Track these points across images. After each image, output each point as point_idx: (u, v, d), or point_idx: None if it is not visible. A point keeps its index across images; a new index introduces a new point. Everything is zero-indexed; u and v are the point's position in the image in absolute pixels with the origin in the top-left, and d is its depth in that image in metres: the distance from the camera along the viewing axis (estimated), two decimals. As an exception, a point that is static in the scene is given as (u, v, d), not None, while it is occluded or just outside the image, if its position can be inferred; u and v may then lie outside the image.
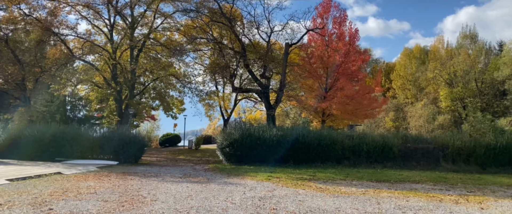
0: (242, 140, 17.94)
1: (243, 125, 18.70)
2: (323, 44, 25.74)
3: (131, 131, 20.45)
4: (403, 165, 17.17)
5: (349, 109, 24.90)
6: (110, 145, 19.10)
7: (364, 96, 25.83)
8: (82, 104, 35.94)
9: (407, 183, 12.84)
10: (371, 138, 17.63)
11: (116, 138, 19.23)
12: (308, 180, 12.92)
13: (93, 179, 12.01)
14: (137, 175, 13.35)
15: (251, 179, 12.76)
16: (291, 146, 17.67)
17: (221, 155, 19.13)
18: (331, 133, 18.30)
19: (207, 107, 33.81)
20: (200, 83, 29.14)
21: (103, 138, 19.35)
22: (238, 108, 39.10)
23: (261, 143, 17.89)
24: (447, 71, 38.62)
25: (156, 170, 15.81)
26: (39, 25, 21.71)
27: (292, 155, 17.77)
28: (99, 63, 29.77)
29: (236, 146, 17.96)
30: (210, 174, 14.33)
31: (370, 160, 17.48)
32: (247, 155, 18.01)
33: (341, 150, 17.75)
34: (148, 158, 24.24)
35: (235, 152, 18.02)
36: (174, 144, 41.25)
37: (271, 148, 17.81)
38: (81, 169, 14.81)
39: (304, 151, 17.60)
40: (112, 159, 19.13)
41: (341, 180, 13.22)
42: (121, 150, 19.02)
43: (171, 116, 37.95)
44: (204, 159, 24.34)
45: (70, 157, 18.99)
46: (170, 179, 12.43)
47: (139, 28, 29.17)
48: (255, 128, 18.41)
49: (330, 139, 17.56)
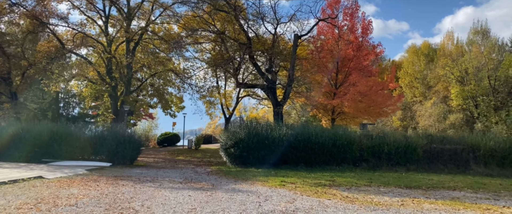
0: (249, 139, 16.21)
1: (250, 123, 16.95)
2: (333, 36, 23.98)
3: (127, 130, 18.68)
4: (428, 168, 15.45)
5: (362, 106, 23.17)
6: (102, 145, 17.34)
7: (378, 93, 24.08)
8: (76, 101, 34.09)
9: (442, 189, 11.13)
10: (392, 138, 15.88)
11: (110, 137, 17.45)
12: (328, 186, 11.20)
13: (79, 184, 10.25)
14: (130, 180, 11.60)
15: (262, 185, 11.03)
16: (303, 146, 15.94)
17: (225, 156, 17.38)
18: (347, 132, 16.56)
19: (208, 104, 32.04)
20: (201, 79, 27.40)
21: (95, 137, 17.56)
22: (240, 106, 37.37)
23: (269, 143, 16.16)
24: (458, 68, 36.92)
25: (153, 173, 14.06)
26: (26, 14, 19.89)
27: (304, 156, 16.04)
28: (93, 58, 28.02)
29: (242, 146, 16.22)
30: (214, 179, 12.59)
31: (391, 162, 15.75)
32: (253, 156, 16.27)
33: (359, 151, 16.01)
34: (145, 158, 22.48)
35: (241, 152, 16.28)
36: (173, 143, 39.44)
37: (280, 148, 16.07)
38: (68, 172, 13.04)
39: (317, 152, 15.87)
40: (105, 160, 17.36)
41: (366, 186, 11.50)
42: (115, 150, 17.26)
43: (169, 114, 36.24)
44: (205, 160, 22.59)
45: (58, 157, 17.21)
46: (169, 185, 10.68)
47: (136, 21, 27.47)
48: (263, 126, 16.67)
49: (346, 139, 15.82)
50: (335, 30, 23.92)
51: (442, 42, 43.31)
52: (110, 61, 25.47)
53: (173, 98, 34.56)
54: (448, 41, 42.45)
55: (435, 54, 45.06)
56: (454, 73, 37.23)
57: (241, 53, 20.25)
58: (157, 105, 36.40)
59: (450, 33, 42.77)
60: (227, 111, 32.88)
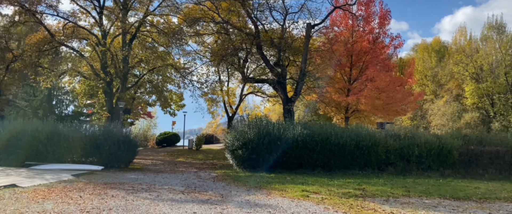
0: (258, 140, 14.30)
1: (259, 122, 15.03)
2: (347, 28, 22.02)
3: (122, 129, 16.75)
4: (465, 173, 13.54)
5: (379, 103, 21.25)
6: (94, 146, 15.41)
7: (396, 90, 22.16)
8: (70, 99, 32.11)
9: (498, 201, 9.25)
10: (424, 139, 13.96)
11: (102, 137, 15.53)
12: (360, 197, 9.30)
13: (57, 196, 8.33)
14: (123, 189, 9.69)
15: (281, 196, 9.13)
16: (321, 148, 14.04)
17: (231, 158, 15.47)
18: (371, 132, 14.67)
19: (210, 102, 30.06)
20: (202, 75, 25.46)
21: (86, 137, 15.60)
22: (243, 104, 35.40)
23: (282, 144, 14.26)
24: (473, 64, 35.03)
25: (150, 179, 12.15)
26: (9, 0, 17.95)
27: (322, 159, 14.14)
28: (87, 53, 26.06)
29: (251, 147, 14.32)
30: (222, 187, 10.67)
31: (422, 166, 13.85)
32: (264, 158, 14.37)
33: (385, 153, 14.11)
34: (142, 160, 20.57)
35: (250, 155, 14.37)
36: (172, 143, 37.45)
37: (294, 150, 14.18)
38: (50, 179, 11.12)
39: (337, 154, 13.97)
40: (97, 162, 15.43)
41: (405, 196, 9.60)
42: (108, 151, 15.34)
43: (169, 113, 34.24)
44: (208, 162, 20.68)
45: (45, 160, 15.30)
46: (169, 196, 8.77)
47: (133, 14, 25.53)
48: (274, 125, 14.75)
49: (371, 140, 13.91)
50: (349, 21, 21.93)
51: (454, 37, 41.42)
52: (104, 55, 23.52)
53: (173, 95, 32.57)
54: (461, 37, 40.56)
55: (446, 51, 43.18)
56: (469, 70, 35.33)
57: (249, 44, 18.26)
58: (156, 103, 34.44)
59: (463, 28, 40.91)
60: (230, 109, 30.93)
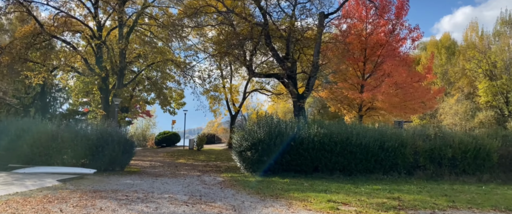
0: (270, 140, 12.74)
1: (270, 120, 13.45)
2: (361, 19, 20.38)
3: (117, 128, 15.16)
4: (506, 179, 11.98)
5: (396, 100, 19.66)
6: (86, 147, 13.83)
7: (414, 86, 20.55)
8: (64, 96, 30.47)
9: None
10: (457, 139, 12.38)
11: (94, 136, 13.95)
12: (399, 209, 7.74)
13: (32, 209, 6.76)
14: (115, 198, 8.13)
15: (305, 209, 7.57)
16: (341, 149, 12.47)
17: (239, 160, 13.90)
18: (398, 131, 13.10)
19: (212, 100, 28.47)
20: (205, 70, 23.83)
21: (76, 136, 13.99)
22: (247, 102, 33.81)
23: (296, 145, 12.70)
24: (487, 61, 33.45)
25: (148, 184, 10.58)
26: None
27: (342, 162, 12.57)
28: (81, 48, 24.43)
29: (261, 148, 12.75)
30: (231, 195, 9.10)
31: (455, 169, 12.28)
32: (276, 161, 12.81)
33: (413, 155, 12.53)
34: (140, 162, 19.00)
35: (260, 157, 12.80)
36: (172, 143, 35.85)
37: (310, 152, 12.62)
38: (30, 185, 9.54)
39: (359, 157, 12.40)
40: (89, 165, 13.86)
41: (452, 208, 8.05)
42: (101, 152, 13.79)
43: (169, 111, 32.62)
44: (211, 163, 19.11)
45: (31, 162, 13.74)
46: (169, 209, 7.20)
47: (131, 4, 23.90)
48: (288, 123, 13.18)
49: (397, 140, 12.33)
50: (363, 12, 20.30)
51: (465, 33, 39.78)
52: (100, 48, 21.93)
53: (173, 93, 30.96)
54: (472, 33, 38.94)
55: (456, 48, 41.61)
56: (482, 66, 33.75)
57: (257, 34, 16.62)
58: (155, 101, 32.82)
59: (474, 24, 39.25)
60: (233, 107, 29.34)
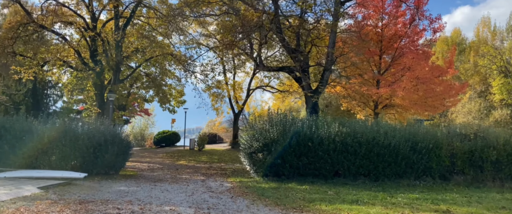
0: (284, 140, 11.17)
1: (283, 117, 11.86)
2: (377, 9, 18.73)
3: (111, 126, 13.54)
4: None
5: (416, 97, 18.07)
6: (75, 147, 12.24)
7: (435, 81, 18.91)
8: (58, 94, 28.79)
9: None
10: (502, 140, 10.82)
11: (84, 136, 12.34)
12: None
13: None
14: (103, 212, 6.54)
15: (344, 227, 5.99)
16: (366, 151, 10.91)
17: (249, 163, 12.31)
18: (431, 130, 11.53)
19: (214, 97, 26.85)
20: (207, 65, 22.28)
21: (64, 136, 12.37)
22: (250, 100, 32.18)
23: (314, 146, 11.12)
24: (501, 57, 31.94)
25: (145, 192, 9.00)
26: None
27: (367, 165, 11.00)
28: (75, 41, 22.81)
29: (275, 150, 11.18)
30: (245, 206, 7.54)
31: (500, 175, 10.72)
32: (292, 164, 11.25)
33: (449, 158, 10.96)
34: (138, 164, 17.43)
35: (273, 159, 11.23)
36: (171, 143, 34.22)
37: (331, 154, 11.05)
38: (2, 195, 7.96)
39: (387, 159, 10.83)
40: (80, 168, 12.26)
41: (523, 226, 6.48)
42: (92, 154, 12.18)
43: (168, 110, 30.98)
44: (215, 165, 17.54)
45: (12, 165, 12.22)
46: (172, 230, 5.62)
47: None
48: (304, 122, 11.60)
49: (431, 140, 10.76)
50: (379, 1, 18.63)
51: (476, 29, 38.26)
52: (94, 41, 20.35)
53: (172, 90, 29.33)
54: (484, 28, 37.43)
55: (466, 44, 40.09)
56: (497, 63, 32.24)
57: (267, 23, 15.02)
58: (154, 99, 31.17)
59: (486, 18, 37.73)
60: (237, 105, 27.74)
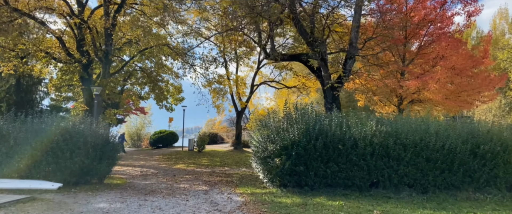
0: (308, 142, 8.86)
1: (304, 114, 9.53)
2: (402, -10, 16.33)
3: (94, 125, 11.19)
4: None
5: (448, 91, 15.76)
6: (49, 152, 9.89)
7: (468, 72, 16.55)
8: (45, 90, 26.39)
9: None
10: None
11: (60, 138, 9.99)
12: None
13: None
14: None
15: None
16: (413, 156, 8.62)
17: (262, 170, 9.97)
18: (493, 129, 9.21)
19: (215, 93, 24.53)
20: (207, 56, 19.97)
21: (35, 137, 10.02)
22: (254, 96, 29.84)
23: (347, 150, 8.82)
24: (523, 51, 29.78)
25: (131, 211, 6.69)
26: None
27: (413, 174, 8.71)
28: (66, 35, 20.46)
29: (296, 154, 8.87)
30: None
31: None
32: (317, 172, 8.94)
33: (520, 164, 8.71)
34: (129, 168, 15.10)
35: (294, 166, 8.92)
36: (169, 143, 31.87)
37: (367, 159, 8.77)
38: None
39: (440, 166, 8.55)
40: (54, 177, 9.93)
41: None
42: (69, 159, 9.81)
43: (165, 107, 28.62)
44: (218, 170, 15.21)
45: (-29, 173, 9.87)
46: None
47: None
48: (333, 119, 9.28)
49: (497, 142, 8.48)
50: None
51: (493, 21, 35.95)
52: (80, 29, 17.98)
53: (169, 86, 26.98)
54: (501, 20, 35.18)
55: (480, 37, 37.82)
56: (517, 57, 30.08)
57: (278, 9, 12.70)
58: (149, 96, 28.80)
59: (503, 10, 35.48)
60: (240, 102, 25.44)
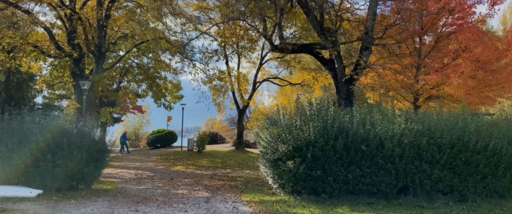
0: (326, 143, 7.62)
1: (318, 110, 8.28)
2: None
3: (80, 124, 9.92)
4: None
5: (471, 85, 14.52)
6: (26, 152, 8.61)
7: (493, 66, 15.30)
8: (36, 88, 25.10)
9: None
10: None
11: (40, 137, 8.72)
12: None
13: None
14: None
15: None
16: (450, 158, 7.39)
17: (272, 175, 8.70)
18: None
19: (215, 91, 23.29)
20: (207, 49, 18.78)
21: (11, 136, 8.74)
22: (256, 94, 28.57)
23: (371, 151, 7.59)
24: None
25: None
26: None
27: (449, 179, 7.48)
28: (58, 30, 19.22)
29: (312, 156, 7.63)
30: None
31: None
32: (337, 177, 7.70)
33: None
34: (123, 170, 13.85)
35: (309, 169, 7.69)
36: (167, 143, 30.59)
37: (395, 162, 7.54)
38: None
39: (482, 170, 7.31)
40: (34, 182, 8.66)
41: None
42: (51, 162, 8.53)
43: (163, 106, 27.37)
44: (219, 172, 13.95)
45: None
46: None
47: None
48: (354, 115, 8.03)
49: (551, 142, 7.29)
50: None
51: (502, 16, 34.61)
52: (71, 21, 16.74)
53: (168, 84, 25.73)
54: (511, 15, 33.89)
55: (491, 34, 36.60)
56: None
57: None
58: (147, 94, 27.56)
59: (515, 4, 34.17)
60: (242, 99, 24.19)
